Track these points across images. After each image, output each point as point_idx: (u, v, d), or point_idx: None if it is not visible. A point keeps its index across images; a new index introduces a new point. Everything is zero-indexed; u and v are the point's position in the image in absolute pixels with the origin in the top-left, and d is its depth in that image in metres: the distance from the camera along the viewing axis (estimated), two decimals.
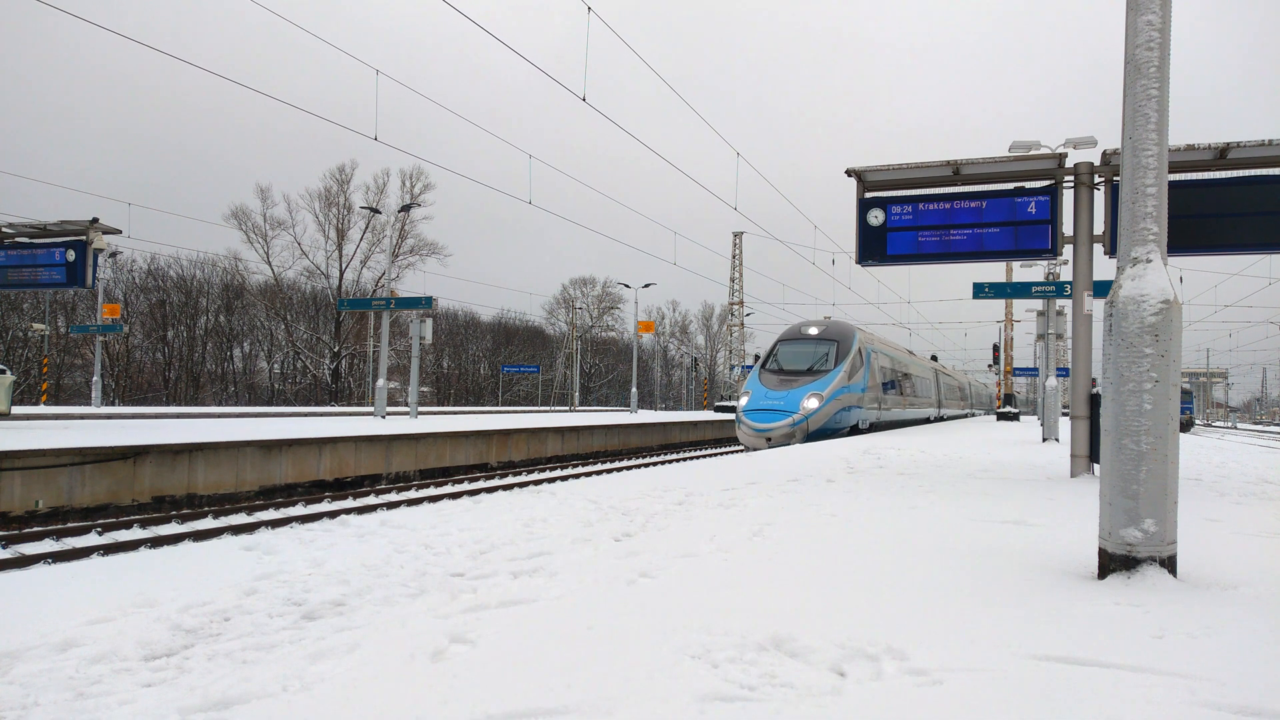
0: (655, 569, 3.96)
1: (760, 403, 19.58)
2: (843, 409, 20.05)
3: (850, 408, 20.57)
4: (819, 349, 21.14)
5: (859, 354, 21.55)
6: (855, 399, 20.98)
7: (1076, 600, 3.42)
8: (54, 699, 2.31)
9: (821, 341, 21.44)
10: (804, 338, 21.95)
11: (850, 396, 20.52)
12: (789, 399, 19.25)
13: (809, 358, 20.96)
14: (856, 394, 21.04)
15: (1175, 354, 3.66)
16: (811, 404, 19.05)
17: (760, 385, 20.35)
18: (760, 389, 20.16)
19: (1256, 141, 8.51)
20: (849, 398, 20.48)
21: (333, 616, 3.14)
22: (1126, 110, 3.86)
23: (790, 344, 21.96)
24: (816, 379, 19.90)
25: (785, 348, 21.85)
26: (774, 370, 21.02)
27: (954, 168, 9.54)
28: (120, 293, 47.82)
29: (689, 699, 2.32)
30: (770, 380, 20.50)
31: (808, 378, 20.06)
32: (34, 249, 15.50)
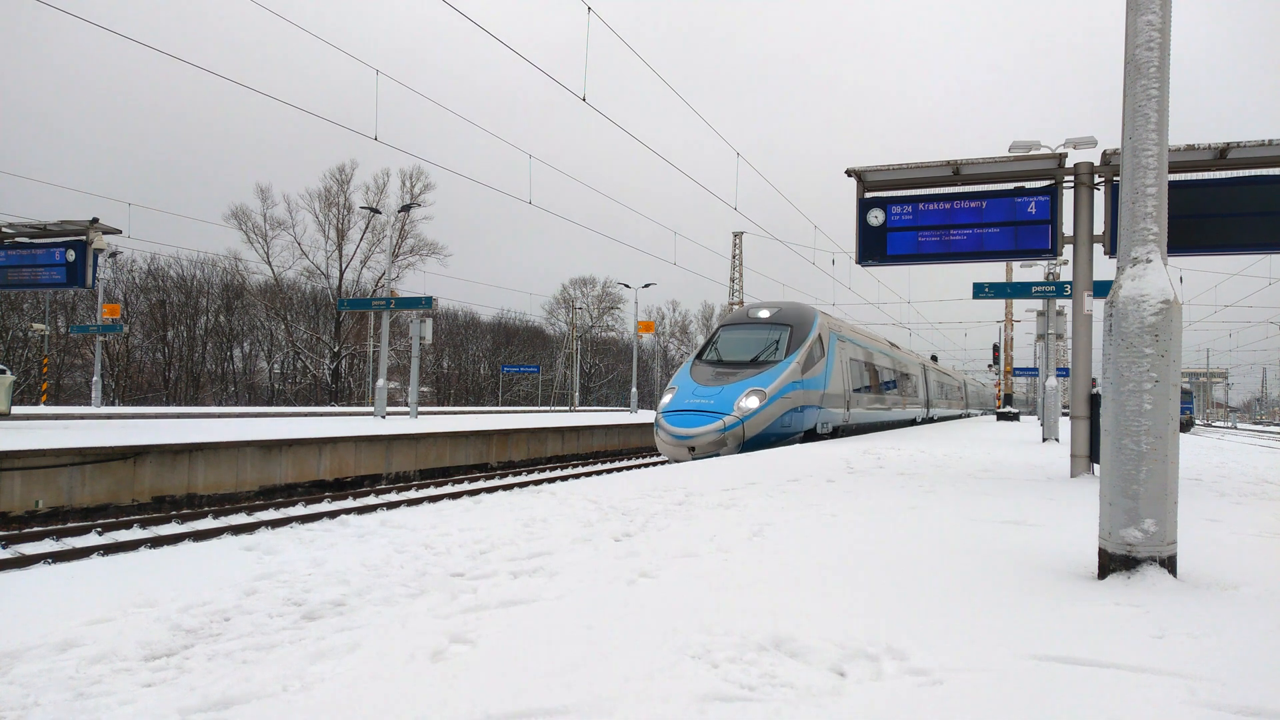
0: (655, 569, 3.96)
1: (684, 402, 15.55)
2: (794, 409, 16.12)
3: (805, 408, 16.67)
4: (767, 336, 17.17)
5: (819, 342, 17.65)
6: (812, 396, 17.08)
7: (1077, 600, 3.42)
8: (54, 699, 2.31)
9: (771, 326, 17.44)
10: (750, 322, 17.93)
11: (806, 394, 16.66)
12: (721, 397, 15.32)
13: (754, 346, 17.05)
14: (814, 391, 17.17)
15: (1175, 354, 3.66)
16: (749, 403, 15.06)
17: (689, 380, 16.37)
18: (689, 385, 16.20)
19: (1256, 141, 8.51)
20: (804, 395, 16.53)
21: (333, 616, 3.14)
22: (1126, 110, 3.86)
23: (733, 330, 18.01)
24: (761, 372, 15.95)
25: (727, 334, 17.88)
26: (711, 362, 17.11)
27: (954, 168, 9.54)
28: (120, 293, 47.83)
29: (689, 699, 2.32)
30: (703, 374, 16.52)
31: (750, 370, 16.08)
32: (34, 249, 15.50)
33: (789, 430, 16.15)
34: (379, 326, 33.65)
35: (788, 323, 17.44)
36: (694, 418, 15.06)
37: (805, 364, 16.73)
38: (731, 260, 63.04)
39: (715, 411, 15.00)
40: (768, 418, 15.27)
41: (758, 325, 17.75)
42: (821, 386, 17.63)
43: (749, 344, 17.23)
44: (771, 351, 16.73)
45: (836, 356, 19.01)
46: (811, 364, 17.08)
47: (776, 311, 17.96)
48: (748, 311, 18.45)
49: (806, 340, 17.06)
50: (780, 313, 17.87)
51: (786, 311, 17.99)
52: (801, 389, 16.44)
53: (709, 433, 14.75)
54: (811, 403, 17.02)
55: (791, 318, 17.67)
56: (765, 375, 15.86)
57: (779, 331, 17.24)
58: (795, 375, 16.25)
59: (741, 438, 14.80)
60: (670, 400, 16.00)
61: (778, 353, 16.61)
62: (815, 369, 17.29)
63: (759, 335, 17.39)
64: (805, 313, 18.21)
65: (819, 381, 17.50)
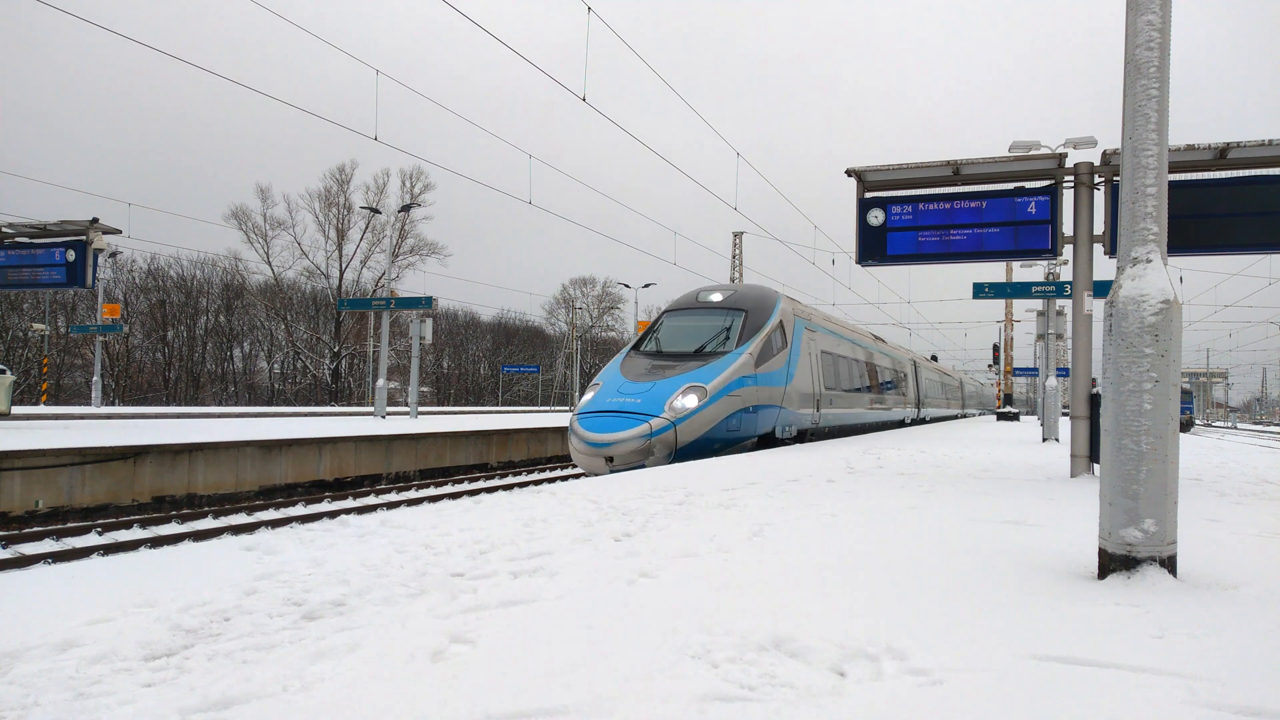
0: (655, 569, 3.96)
1: (606, 401, 12.82)
2: (744, 409, 13.53)
3: (761, 407, 14.10)
4: (717, 322, 14.64)
5: (780, 331, 15.13)
6: (770, 394, 14.44)
7: (1077, 600, 3.42)
8: (54, 699, 2.30)
9: (722, 311, 14.86)
10: (699, 307, 15.30)
11: (761, 391, 14.06)
12: (652, 395, 12.63)
13: (701, 334, 14.49)
14: (773, 388, 14.53)
15: (1175, 354, 3.66)
16: (686, 402, 12.46)
17: (618, 376, 13.64)
18: (615, 381, 13.43)
19: (1256, 141, 8.51)
20: (758, 393, 13.95)
21: (333, 616, 3.14)
22: (1126, 110, 3.86)
23: (678, 316, 15.33)
24: (704, 365, 13.35)
25: (671, 321, 15.24)
26: (649, 353, 14.41)
27: (954, 168, 9.54)
28: (120, 293, 47.85)
29: (689, 699, 2.32)
30: (636, 368, 13.78)
31: (693, 363, 13.49)
32: (34, 249, 15.50)
33: (738, 434, 13.49)
34: (379, 326, 33.66)
35: (742, 307, 14.77)
36: (614, 421, 12.20)
37: (761, 356, 14.18)
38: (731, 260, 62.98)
39: (641, 413, 12.19)
40: (709, 420, 12.65)
41: (707, 310, 15.11)
42: (782, 382, 14.97)
43: (695, 332, 14.60)
44: (720, 341, 14.12)
45: (804, 348, 16.51)
46: (769, 356, 14.50)
47: (730, 295, 15.34)
48: (697, 295, 15.72)
49: (764, 329, 14.47)
50: (735, 296, 15.31)
51: (742, 295, 15.42)
52: (755, 385, 13.86)
53: (631, 439, 11.93)
54: (769, 401, 14.40)
55: (748, 302, 15.06)
56: (708, 369, 13.18)
57: (731, 318, 14.59)
58: (747, 369, 13.67)
59: (673, 445, 12.12)
60: (590, 399, 13.13)
61: (728, 343, 13.99)
62: (774, 362, 14.66)
63: (707, 322, 14.79)
64: (765, 297, 15.57)
65: (779, 376, 14.83)
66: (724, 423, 13.04)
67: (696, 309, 15.37)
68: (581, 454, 12.35)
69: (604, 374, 14.07)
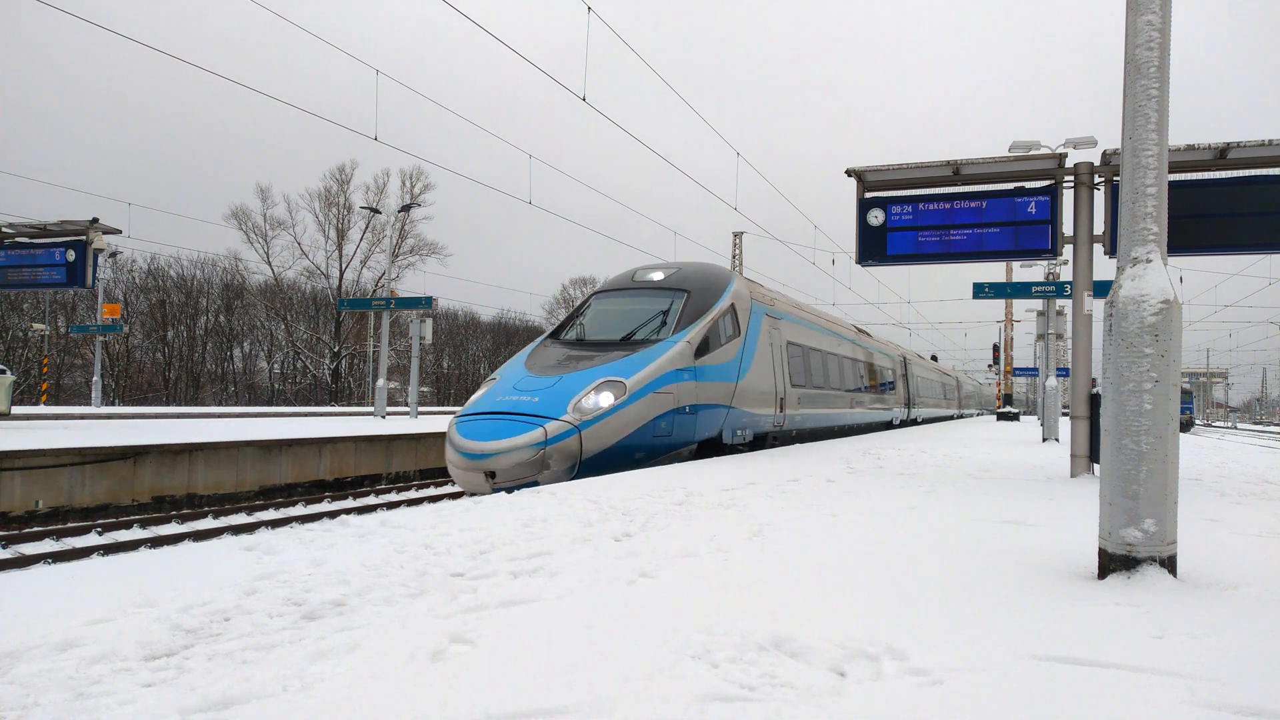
0: (655, 569, 3.96)
1: (496, 400, 10.15)
2: (679, 410, 10.96)
3: (702, 408, 11.54)
4: (653, 305, 12.20)
5: (731, 317, 12.72)
6: (715, 392, 11.93)
7: (1077, 600, 3.42)
8: (54, 699, 2.30)
9: (660, 293, 12.43)
10: (633, 288, 12.92)
11: (702, 388, 11.52)
12: (554, 392, 10.04)
13: (631, 319, 12.06)
14: (719, 384, 12.05)
15: (1175, 354, 3.66)
16: (598, 400, 9.91)
17: (520, 369, 11.04)
18: (515, 374, 10.86)
19: (1256, 141, 8.51)
20: (700, 389, 11.45)
21: (333, 616, 3.14)
22: (1126, 110, 3.86)
23: (608, 298, 12.94)
24: (629, 355, 10.83)
25: (599, 304, 12.88)
26: (569, 342, 12.00)
27: (954, 168, 9.55)
28: (120, 293, 47.84)
29: (689, 699, 2.32)
30: (546, 359, 11.20)
31: (618, 353, 10.96)
32: (34, 249, 15.51)
33: (669, 440, 10.91)
34: (379, 326, 33.67)
35: (683, 288, 12.35)
36: (500, 425, 9.57)
37: (704, 346, 11.71)
38: (731, 260, 62.99)
39: (536, 415, 9.63)
40: (628, 422, 10.05)
41: (641, 292, 12.66)
42: (732, 378, 12.48)
43: (624, 317, 12.18)
44: (654, 328, 11.67)
45: (764, 339, 14.02)
46: (715, 346, 12.03)
47: (673, 274, 12.88)
48: (634, 273, 13.38)
49: (709, 313, 12.03)
50: (677, 275, 12.83)
51: (687, 274, 12.90)
52: (694, 381, 11.28)
53: (518, 448, 9.23)
54: (713, 400, 11.86)
55: (692, 281, 12.60)
56: (632, 360, 10.64)
57: (669, 300, 12.15)
58: (683, 360, 11.10)
59: (576, 454, 9.55)
60: (476, 398, 10.45)
61: (663, 330, 11.56)
62: (722, 353, 12.23)
63: (640, 305, 12.35)
64: (713, 276, 13.12)
65: (727, 370, 12.34)
66: (650, 426, 10.39)
67: (630, 290, 12.85)
68: (457, 467, 9.58)
69: (505, 367, 11.37)
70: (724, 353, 12.38)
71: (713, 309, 12.24)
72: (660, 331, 11.58)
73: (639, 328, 11.79)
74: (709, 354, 11.87)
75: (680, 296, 12.23)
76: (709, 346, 11.92)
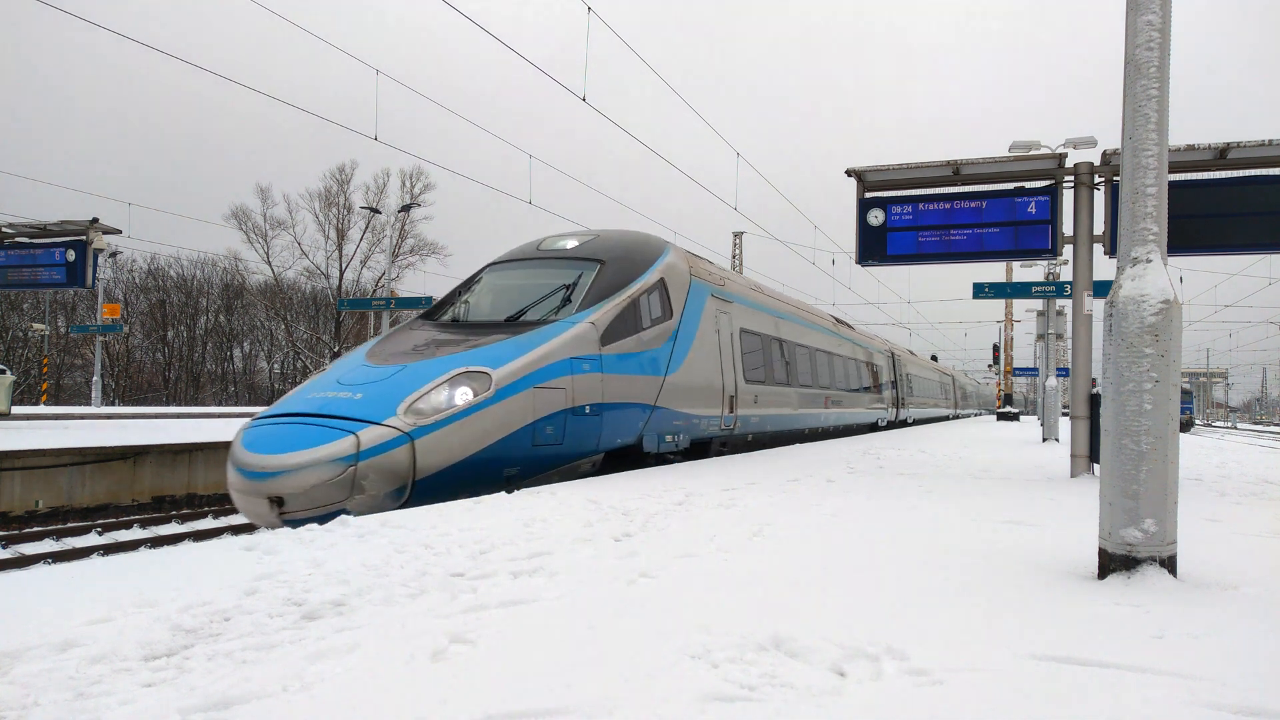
0: (655, 569, 3.96)
1: (305, 398, 7.65)
2: (574, 410, 8.52)
3: (610, 407, 9.08)
4: (558, 278, 9.75)
5: (659, 295, 10.31)
6: (634, 387, 9.56)
7: (1076, 600, 3.42)
8: (54, 699, 2.30)
9: (568, 263, 10.06)
10: (536, 257, 10.50)
11: (612, 382, 9.12)
12: (383, 389, 7.47)
13: (527, 296, 9.56)
14: (639, 377, 9.66)
15: (1175, 354, 3.66)
16: (446, 398, 7.42)
17: (358, 356, 8.50)
18: (349, 364, 8.30)
19: (1256, 141, 8.52)
20: (608, 384, 9.04)
21: (333, 616, 3.14)
22: (1126, 110, 3.86)
23: (503, 270, 10.49)
24: (507, 339, 8.41)
25: (492, 277, 10.38)
26: (443, 323, 9.52)
27: (954, 168, 9.55)
28: (120, 293, 47.88)
29: (689, 699, 2.32)
30: (400, 344, 8.68)
31: (497, 336, 8.55)
32: (34, 249, 15.52)
33: (559, 450, 8.37)
34: (379, 326, 33.67)
35: (596, 258, 9.95)
36: (295, 433, 6.93)
37: (617, 329, 9.31)
38: (732, 260, 63.06)
39: (348, 419, 6.98)
40: (491, 428, 7.53)
41: (544, 262, 10.26)
42: (658, 370, 10.04)
43: (517, 292, 9.70)
44: (552, 306, 9.21)
45: (709, 324, 11.64)
46: (634, 329, 9.63)
47: (588, 241, 10.53)
48: (540, 242, 11.00)
49: (627, 289, 9.68)
50: (593, 243, 10.45)
51: (606, 242, 10.52)
52: (600, 373, 8.82)
53: (315, 465, 6.60)
54: (629, 397, 9.43)
55: (609, 250, 10.22)
56: (507, 345, 8.14)
57: (576, 272, 9.72)
58: (583, 346, 8.67)
59: (405, 473, 6.92)
60: (282, 402, 7.80)
61: (565, 308, 9.11)
62: (646, 339, 9.82)
63: (539, 278, 9.89)
64: (638, 246, 10.74)
65: (652, 361, 9.93)
66: (527, 432, 7.86)
67: (531, 260, 10.43)
68: (235, 490, 6.90)
69: (347, 357, 8.67)
70: (648, 338, 9.93)
71: (633, 285, 9.83)
72: (560, 311, 9.08)
73: (532, 306, 9.25)
74: (624, 339, 9.45)
75: (591, 268, 9.77)
76: (625, 330, 9.49)
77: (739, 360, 12.91)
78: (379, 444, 6.84)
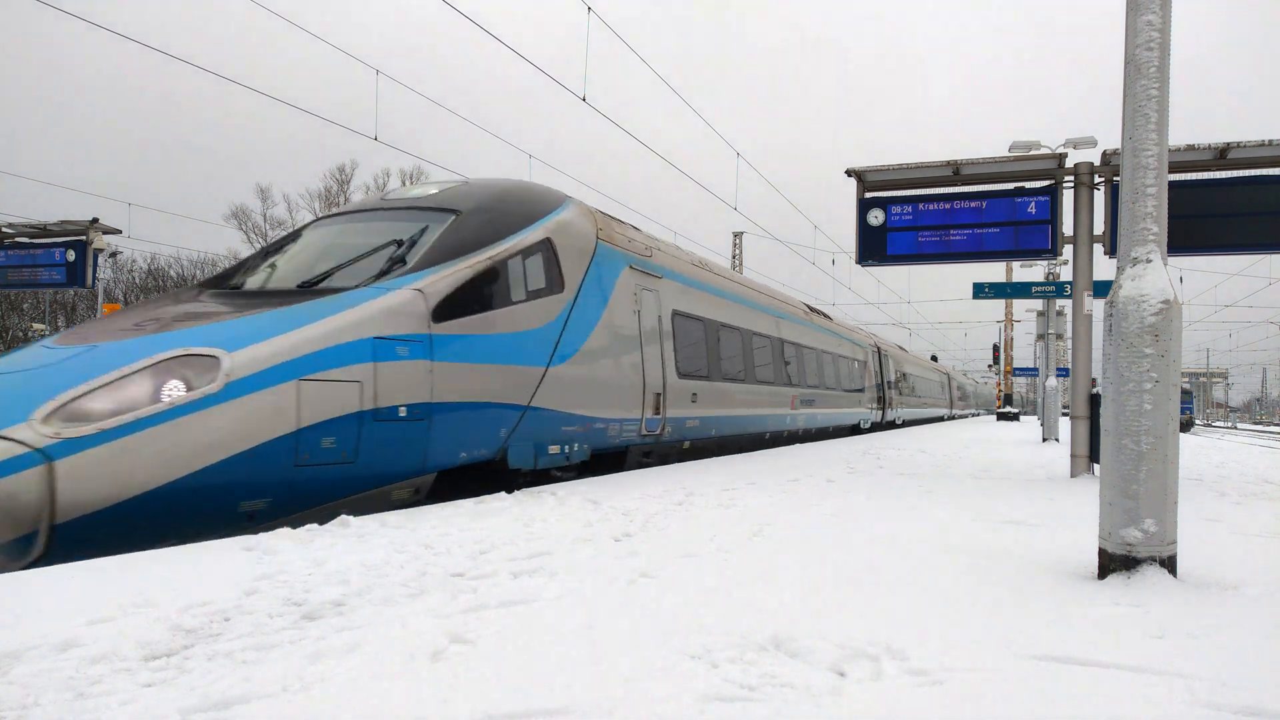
0: (655, 569, 3.96)
1: None
2: (379, 414, 6.08)
3: (452, 408, 6.70)
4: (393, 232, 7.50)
5: (545, 260, 8.23)
6: (492, 380, 7.21)
7: (1076, 600, 3.42)
8: (54, 699, 2.30)
9: (414, 214, 7.83)
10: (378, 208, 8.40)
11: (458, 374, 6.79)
12: (39, 380, 5.07)
13: (344, 255, 7.24)
14: (506, 370, 7.39)
15: (1175, 354, 3.66)
16: (126, 395, 4.94)
17: (59, 336, 6.03)
18: (28, 351, 5.85)
19: (1256, 141, 8.52)
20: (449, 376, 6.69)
21: (333, 616, 3.14)
22: (1126, 110, 3.86)
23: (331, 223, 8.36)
24: (273, 310, 6.04)
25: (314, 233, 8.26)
26: (222, 291, 7.20)
27: (954, 168, 9.55)
28: (120, 293, 47.84)
29: (689, 699, 2.32)
30: (127, 320, 6.11)
31: (266, 305, 6.20)
32: (34, 249, 15.51)
33: (350, 470, 6.07)
34: None
35: (453, 207, 7.76)
36: None
37: (466, 300, 7.06)
38: (732, 260, 63.03)
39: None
40: (210, 442, 5.19)
41: (387, 214, 8.01)
42: (536, 359, 7.78)
43: (340, 251, 7.42)
44: (376, 268, 6.96)
45: (624, 302, 9.43)
46: (496, 302, 7.40)
47: (450, 189, 8.32)
48: (385, 193, 9.27)
49: (492, 248, 7.48)
50: (458, 190, 8.28)
51: (476, 190, 8.32)
52: (427, 360, 6.57)
53: None
54: (484, 395, 7.14)
55: (476, 200, 7.99)
56: (258, 320, 5.95)
57: (424, 225, 7.51)
58: (399, 322, 6.45)
59: (31, 516, 4.50)
60: None
61: (392, 271, 6.88)
62: (517, 317, 7.61)
63: (374, 234, 7.59)
64: (519, 197, 8.47)
65: (526, 347, 7.68)
66: (280, 446, 5.56)
67: (371, 212, 8.21)
68: None
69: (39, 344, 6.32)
70: (519, 316, 7.56)
71: (498, 244, 7.48)
72: (383, 277, 6.70)
73: (341, 269, 6.92)
74: (475, 315, 7.02)
75: (441, 221, 7.45)
76: (478, 302, 7.10)
77: (670, 350, 10.59)
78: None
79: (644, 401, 9.83)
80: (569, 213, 8.87)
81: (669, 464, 10.54)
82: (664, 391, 10.32)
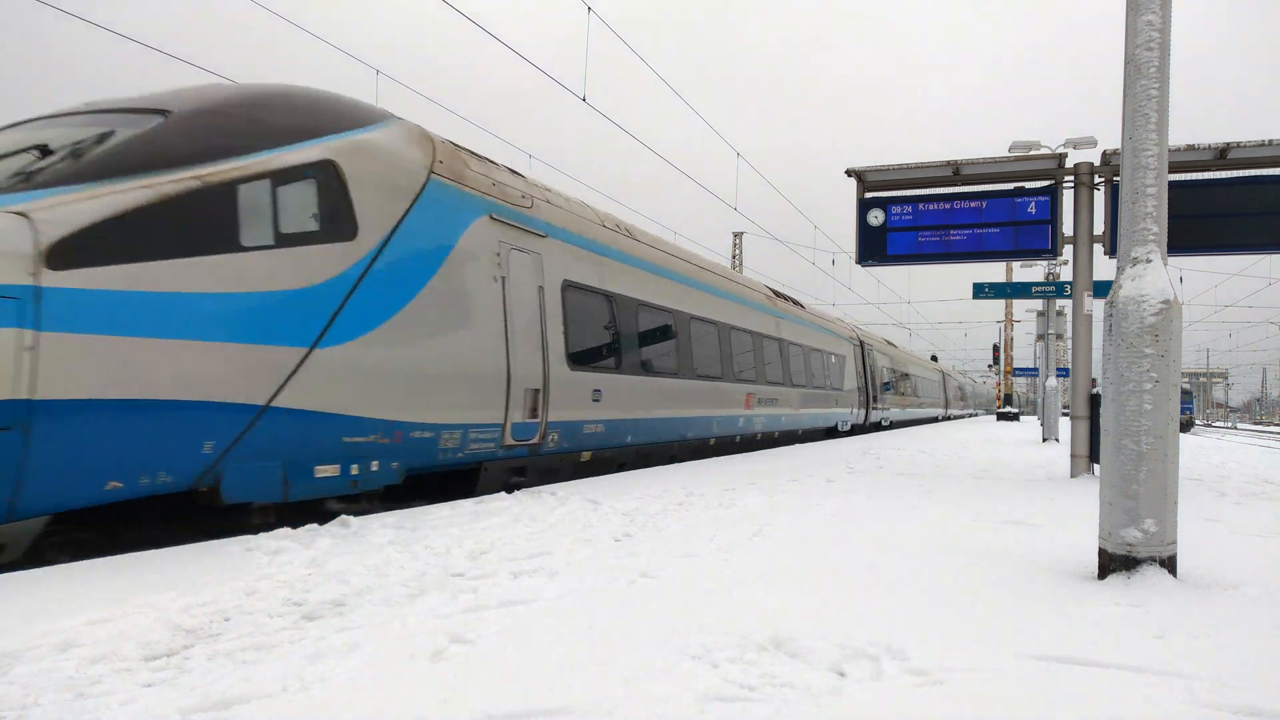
0: (655, 569, 3.96)
1: None
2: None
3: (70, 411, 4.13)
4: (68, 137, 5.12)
5: (323, 186, 5.70)
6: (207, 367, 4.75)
7: (1077, 600, 3.42)
8: (54, 699, 2.30)
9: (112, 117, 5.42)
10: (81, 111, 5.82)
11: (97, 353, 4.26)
12: None
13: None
14: (229, 349, 4.87)
15: (1175, 354, 3.66)
16: None
17: None
18: None
19: (1256, 141, 8.52)
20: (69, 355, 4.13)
21: (333, 616, 3.14)
22: (1126, 110, 3.86)
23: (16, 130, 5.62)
24: None
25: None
26: None
27: (954, 168, 9.55)
28: None
29: (689, 699, 2.32)
30: None
31: None
32: None
33: None
34: None
35: (165, 108, 5.56)
36: None
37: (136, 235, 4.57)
38: (732, 260, 63.02)
39: None
40: None
41: (86, 116, 5.70)
42: (295, 336, 5.33)
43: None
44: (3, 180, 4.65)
45: (472, 262, 7.15)
46: (213, 242, 4.96)
47: (195, 91, 6.25)
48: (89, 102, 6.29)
49: (215, 164, 5.16)
50: (187, 93, 6.16)
51: (214, 93, 6.16)
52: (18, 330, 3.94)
53: None
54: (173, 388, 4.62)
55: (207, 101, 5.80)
56: None
57: (110, 129, 5.25)
58: None
59: None
60: None
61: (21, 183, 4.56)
62: (251, 269, 5.14)
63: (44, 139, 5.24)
64: (282, 104, 6.10)
65: (279, 316, 5.27)
66: None
67: (69, 115, 5.91)
68: None
69: None
70: (257, 268, 5.21)
71: (229, 160, 5.28)
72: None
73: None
74: (162, 259, 4.71)
75: (140, 125, 5.33)
76: (167, 241, 4.76)
77: (559, 332, 8.33)
78: None
79: (508, 400, 7.40)
80: (380, 133, 6.55)
81: (561, 481, 8.25)
82: (545, 387, 7.97)
